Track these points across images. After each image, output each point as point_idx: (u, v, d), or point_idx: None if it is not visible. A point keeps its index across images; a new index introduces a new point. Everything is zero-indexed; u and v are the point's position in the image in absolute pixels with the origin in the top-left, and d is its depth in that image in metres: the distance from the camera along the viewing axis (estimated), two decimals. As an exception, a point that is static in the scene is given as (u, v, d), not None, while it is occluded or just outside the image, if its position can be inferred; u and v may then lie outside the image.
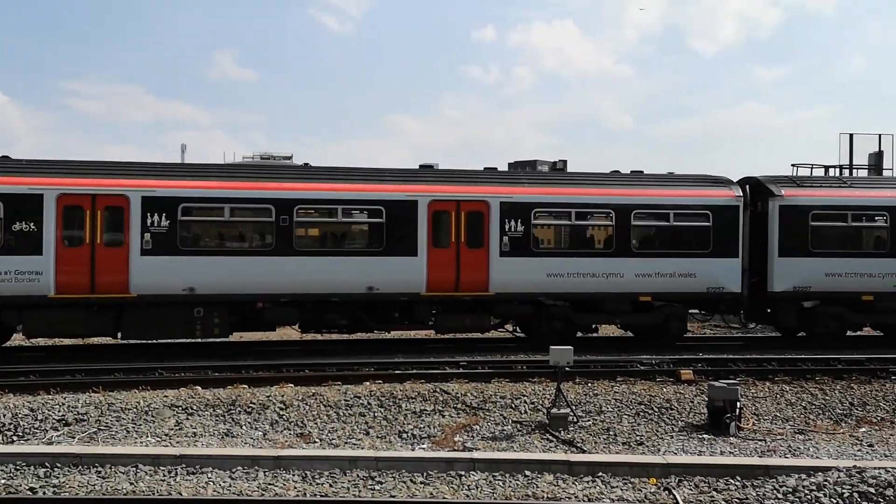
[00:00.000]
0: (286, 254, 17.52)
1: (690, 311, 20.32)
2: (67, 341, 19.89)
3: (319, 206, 18.11)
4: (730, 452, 11.38)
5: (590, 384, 14.90)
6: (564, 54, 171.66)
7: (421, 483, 9.54)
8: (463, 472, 9.77)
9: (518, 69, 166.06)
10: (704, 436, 12.32)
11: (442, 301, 18.47)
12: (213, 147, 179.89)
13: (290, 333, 20.71)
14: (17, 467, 9.67)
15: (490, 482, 9.54)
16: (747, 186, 20.53)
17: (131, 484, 9.30)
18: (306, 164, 19.79)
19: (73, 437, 11.77)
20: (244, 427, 12.54)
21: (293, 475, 9.73)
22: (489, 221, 18.36)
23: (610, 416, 13.28)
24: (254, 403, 13.31)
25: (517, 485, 9.49)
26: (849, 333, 20.75)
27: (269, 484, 9.41)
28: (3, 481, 9.27)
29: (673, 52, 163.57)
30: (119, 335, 17.70)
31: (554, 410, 12.66)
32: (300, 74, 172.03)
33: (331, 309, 18.16)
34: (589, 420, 13.04)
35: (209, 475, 9.66)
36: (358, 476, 9.74)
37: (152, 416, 12.74)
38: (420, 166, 20.07)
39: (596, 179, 20.01)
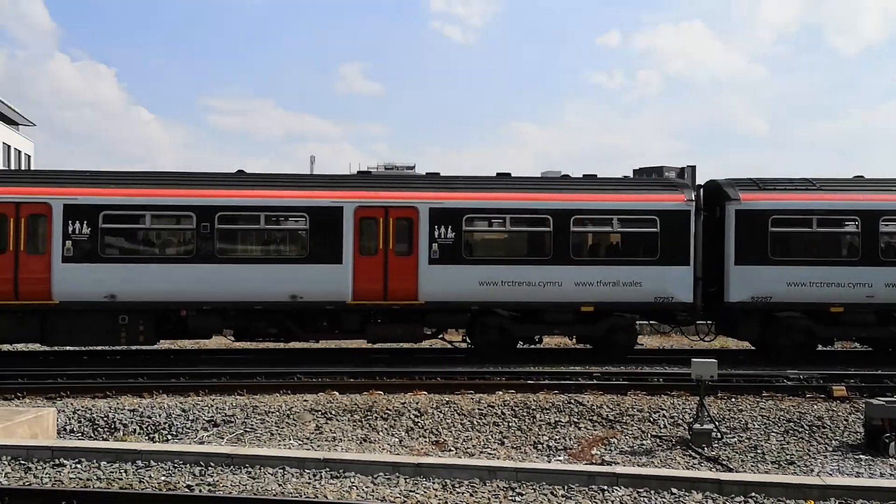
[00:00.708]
0: (208, 261, 17.42)
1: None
2: (212, 345, 20.93)
3: (242, 212, 17.76)
4: (891, 475, 10.64)
5: (733, 399, 14.28)
6: (693, 56, 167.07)
7: (562, 496, 9.35)
8: (605, 487, 9.51)
9: (643, 73, 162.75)
10: (861, 456, 11.57)
11: (371, 310, 17.99)
12: (341, 159, 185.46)
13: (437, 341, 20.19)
14: (175, 465, 10.14)
15: (634, 499, 9.24)
16: (701, 190, 19.30)
17: (279, 485, 9.56)
18: (240, 171, 18.99)
19: (222, 438, 12.29)
20: (381, 433, 12.73)
21: (433, 483, 9.75)
22: (418, 228, 17.74)
23: (756, 433, 12.68)
24: (389, 410, 13.51)
25: (663, 503, 9.16)
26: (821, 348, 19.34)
27: (411, 491, 9.46)
28: (162, 478, 9.75)
29: (810, 51, 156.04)
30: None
31: (697, 426, 12.19)
32: (423, 85, 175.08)
33: (257, 317, 17.89)
34: (734, 437, 12.49)
35: (352, 479, 9.81)
36: (498, 486, 9.65)
37: (293, 420, 13.14)
38: (358, 172, 19.72)
39: (534, 184, 19.18)
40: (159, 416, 13.21)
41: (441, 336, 19.45)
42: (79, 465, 10.06)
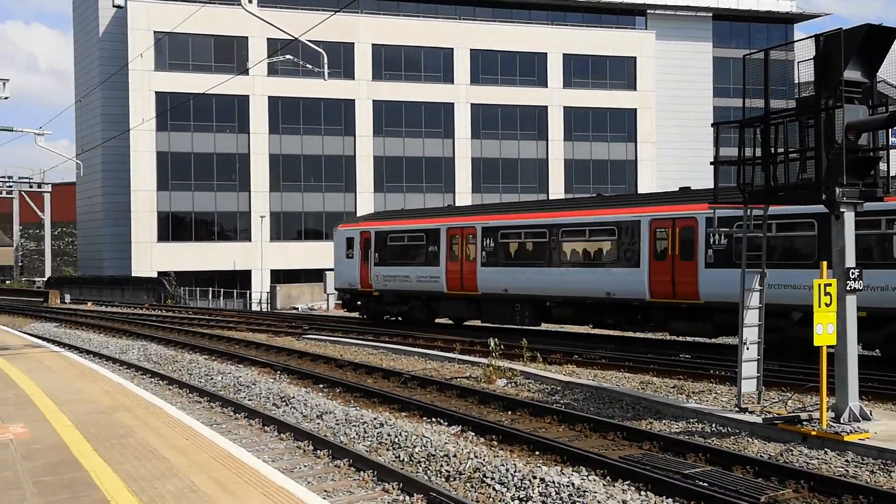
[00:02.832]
0: (556, 265, 22.00)
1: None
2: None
3: (573, 228, 21.87)
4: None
5: None
6: None
7: None
8: None
9: None
10: None
11: (664, 307, 19.56)
12: None
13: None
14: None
15: None
16: None
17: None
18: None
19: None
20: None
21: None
22: (697, 236, 18.72)
23: None
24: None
25: None
26: None
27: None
28: None
29: None
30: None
31: None
32: None
33: (594, 310, 21.40)
34: None
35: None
36: None
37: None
38: (679, 189, 21.32)
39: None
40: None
41: None
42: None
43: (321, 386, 15.26)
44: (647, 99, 61.11)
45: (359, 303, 28.78)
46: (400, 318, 27.60)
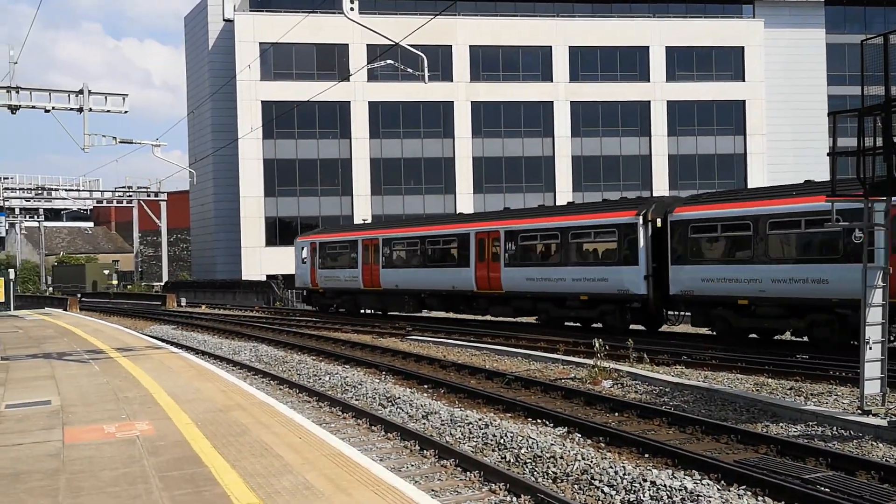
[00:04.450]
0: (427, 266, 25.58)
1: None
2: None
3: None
4: None
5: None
6: None
7: None
8: None
9: None
10: None
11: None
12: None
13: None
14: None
15: None
16: (654, 205, 21.86)
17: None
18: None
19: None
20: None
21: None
22: (502, 244, 24.42)
23: None
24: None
25: None
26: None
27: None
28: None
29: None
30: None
31: None
32: None
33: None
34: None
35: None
36: None
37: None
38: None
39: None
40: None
41: None
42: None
43: (426, 386, 15.41)
44: (757, 90, 58.92)
45: (312, 298, 37.11)
46: (341, 310, 34.92)
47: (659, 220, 21.29)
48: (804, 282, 17.84)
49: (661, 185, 58.27)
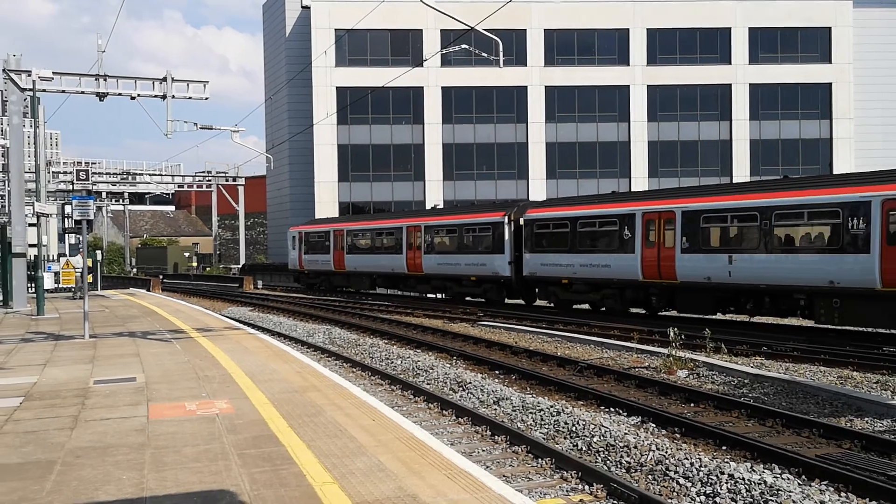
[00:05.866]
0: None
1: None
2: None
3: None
4: None
5: None
6: None
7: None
8: None
9: None
10: None
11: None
12: None
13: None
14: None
15: None
16: (516, 208, 28.95)
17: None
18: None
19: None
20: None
21: None
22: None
23: None
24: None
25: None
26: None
27: None
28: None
29: None
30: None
31: None
32: None
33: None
34: None
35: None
36: None
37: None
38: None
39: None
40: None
41: None
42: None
43: (497, 372, 15.40)
44: (844, 72, 56.54)
45: (301, 279, 44.79)
46: (323, 287, 42.00)
47: (521, 220, 28.09)
48: (598, 266, 24.37)
49: (741, 172, 56.65)
